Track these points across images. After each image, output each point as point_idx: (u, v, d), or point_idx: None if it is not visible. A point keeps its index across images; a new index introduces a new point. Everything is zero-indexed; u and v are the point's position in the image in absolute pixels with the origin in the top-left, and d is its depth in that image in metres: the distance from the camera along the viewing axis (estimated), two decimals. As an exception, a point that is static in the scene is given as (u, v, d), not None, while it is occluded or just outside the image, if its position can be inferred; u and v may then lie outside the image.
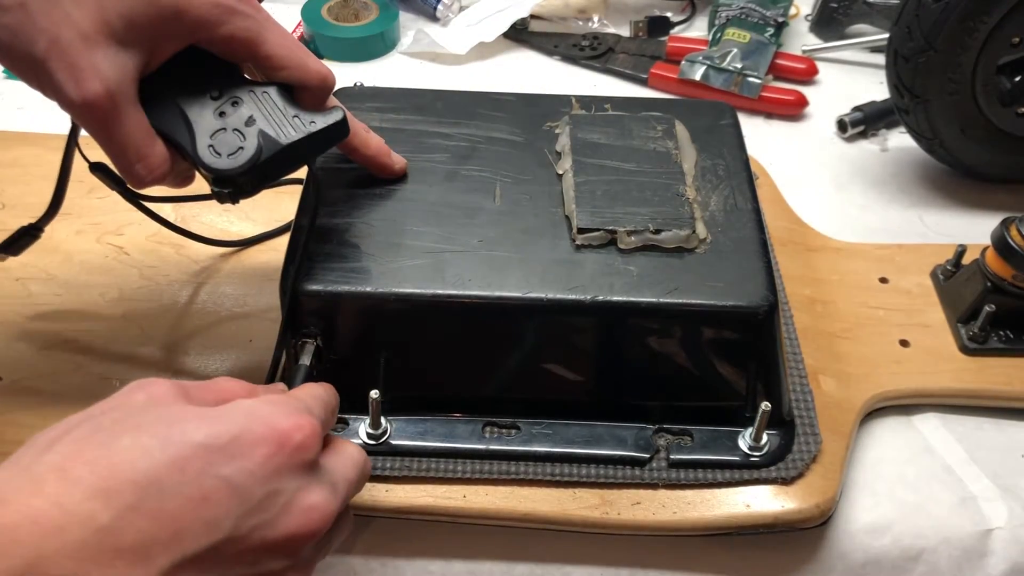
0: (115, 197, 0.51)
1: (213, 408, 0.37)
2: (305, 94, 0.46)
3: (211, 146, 0.44)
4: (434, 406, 0.51)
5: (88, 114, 0.41)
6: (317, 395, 0.42)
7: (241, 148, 0.44)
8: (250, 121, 0.45)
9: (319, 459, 0.39)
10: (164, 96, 0.44)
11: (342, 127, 0.46)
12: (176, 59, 0.44)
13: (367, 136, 0.52)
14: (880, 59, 0.75)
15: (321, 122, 0.46)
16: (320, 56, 0.86)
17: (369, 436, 0.50)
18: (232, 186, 0.44)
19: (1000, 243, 0.56)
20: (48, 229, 0.52)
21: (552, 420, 0.51)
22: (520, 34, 0.88)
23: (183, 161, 0.45)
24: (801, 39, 0.89)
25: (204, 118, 0.44)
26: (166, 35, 0.43)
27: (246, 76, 0.47)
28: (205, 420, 0.36)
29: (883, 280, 0.63)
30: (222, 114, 0.45)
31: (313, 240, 0.49)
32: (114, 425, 0.35)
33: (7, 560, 0.30)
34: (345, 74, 0.82)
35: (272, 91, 0.46)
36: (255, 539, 0.35)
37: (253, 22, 0.44)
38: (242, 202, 0.46)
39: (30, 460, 0.33)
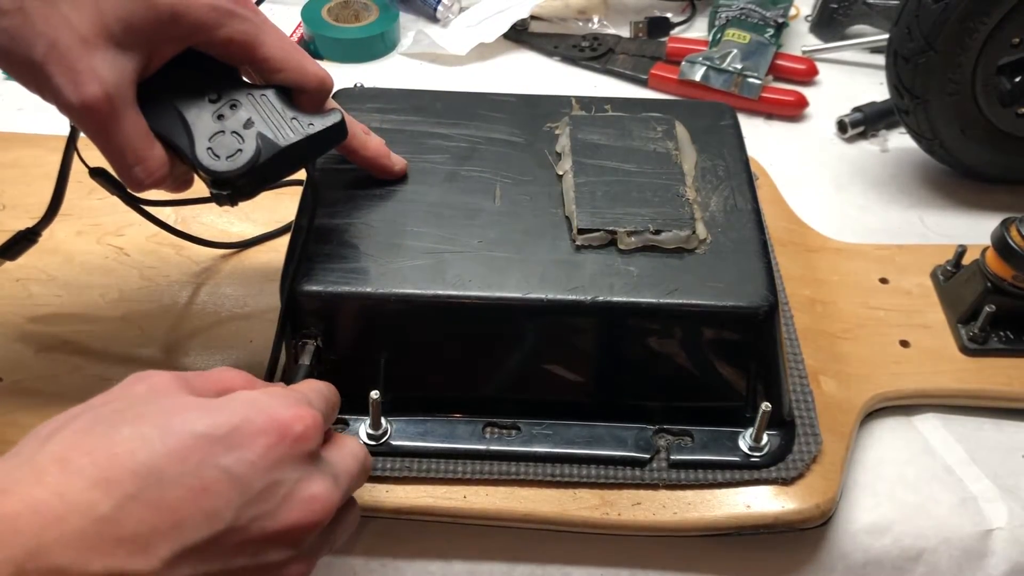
0: (115, 198, 0.51)
1: (214, 399, 0.37)
2: (303, 96, 0.46)
3: (210, 148, 0.44)
4: (434, 406, 0.51)
5: (87, 117, 0.41)
6: (318, 389, 0.43)
7: (240, 150, 0.44)
8: (248, 123, 0.45)
9: (320, 452, 0.39)
10: (162, 99, 0.44)
11: (340, 129, 0.47)
12: (174, 62, 0.44)
13: (366, 138, 0.52)
14: (880, 60, 0.75)
15: (319, 124, 0.46)
16: (320, 57, 0.86)
17: (369, 437, 0.50)
18: (231, 188, 0.44)
19: (1000, 244, 0.56)
20: (48, 230, 0.52)
21: (552, 421, 0.51)
22: (520, 35, 0.88)
23: (181, 164, 0.45)
24: (801, 40, 0.89)
25: (202, 121, 0.44)
26: (164, 38, 0.43)
27: (244, 79, 0.47)
28: (206, 410, 0.36)
29: (883, 281, 0.63)
30: (220, 117, 0.45)
31: (313, 241, 0.49)
32: (114, 416, 0.35)
33: (8, 549, 0.30)
34: (345, 75, 0.82)
35: (270, 93, 0.46)
36: (255, 530, 0.35)
37: (250, 25, 0.44)
38: (242, 203, 0.46)
39: (31, 451, 0.34)
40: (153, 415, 0.35)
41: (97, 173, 0.49)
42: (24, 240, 0.52)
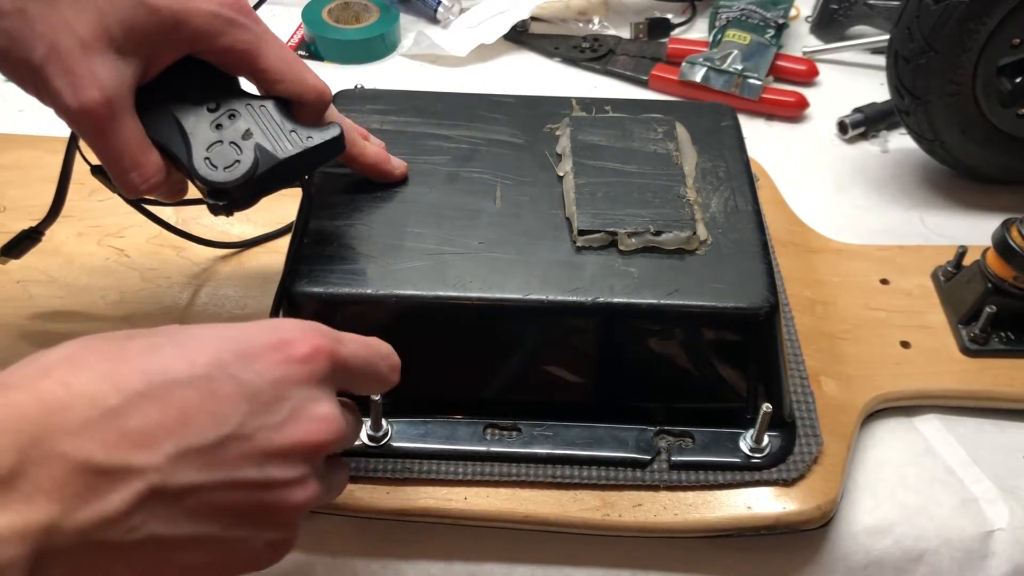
0: (116, 200, 0.51)
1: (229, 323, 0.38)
2: (302, 109, 0.46)
3: (207, 158, 0.44)
4: (435, 408, 0.51)
5: (84, 121, 0.41)
6: (356, 337, 0.41)
7: (237, 161, 0.44)
8: (247, 134, 0.44)
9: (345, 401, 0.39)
10: (161, 106, 0.44)
11: (338, 143, 0.46)
12: (174, 69, 0.44)
13: (365, 144, 0.52)
14: (881, 60, 0.75)
15: (318, 138, 0.45)
16: (321, 58, 0.86)
17: (370, 438, 0.50)
18: (227, 199, 0.44)
19: (1001, 244, 0.56)
20: (49, 232, 0.52)
21: (553, 422, 0.51)
22: (520, 36, 0.88)
23: (178, 172, 0.45)
24: (801, 40, 0.89)
25: (201, 130, 0.44)
26: (164, 44, 0.43)
27: (244, 89, 0.47)
28: (217, 327, 0.36)
29: (884, 281, 0.63)
30: (219, 127, 0.45)
31: (311, 244, 0.49)
32: (124, 334, 0.35)
33: (11, 435, 0.30)
34: (346, 76, 0.82)
35: (269, 105, 0.45)
36: (261, 440, 0.35)
37: (252, 35, 0.44)
38: None
39: (36, 356, 0.34)
40: (164, 331, 0.36)
41: (98, 171, 0.49)
42: (27, 239, 0.52)
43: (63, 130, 0.48)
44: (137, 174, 0.43)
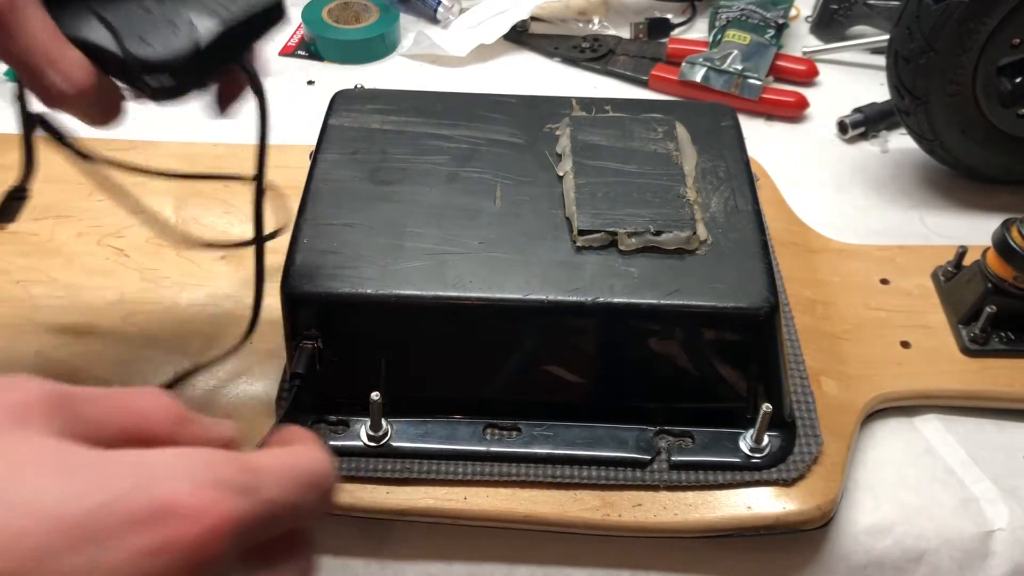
0: (116, 200, 0.51)
1: (92, 452, 0.24)
2: None
3: (140, 38, 0.40)
4: (435, 408, 0.51)
5: None
6: (280, 461, 0.28)
7: (174, 36, 0.41)
8: (179, 11, 0.41)
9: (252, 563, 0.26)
10: (76, 4, 0.41)
11: (278, 9, 0.43)
12: None
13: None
14: (881, 61, 0.75)
15: (259, 3, 0.42)
16: (321, 58, 0.86)
17: (370, 438, 0.50)
18: (168, 75, 0.41)
19: (1001, 244, 0.56)
20: (49, 231, 0.51)
21: (553, 422, 0.51)
22: (520, 36, 0.88)
23: (108, 78, 0.41)
24: (801, 41, 0.89)
25: (127, 16, 0.41)
26: None
27: None
28: (66, 474, 0.23)
29: (884, 281, 0.63)
30: (148, 10, 0.41)
31: (311, 242, 0.49)
32: None
33: None
34: (346, 76, 0.83)
35: None
36: None
37: None
38: (240, 204, 0.46)
39: None
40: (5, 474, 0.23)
41: (38, 121, 0.44)
42: (14, 199, 0.47)
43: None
44: (56, 73, 0.37)
